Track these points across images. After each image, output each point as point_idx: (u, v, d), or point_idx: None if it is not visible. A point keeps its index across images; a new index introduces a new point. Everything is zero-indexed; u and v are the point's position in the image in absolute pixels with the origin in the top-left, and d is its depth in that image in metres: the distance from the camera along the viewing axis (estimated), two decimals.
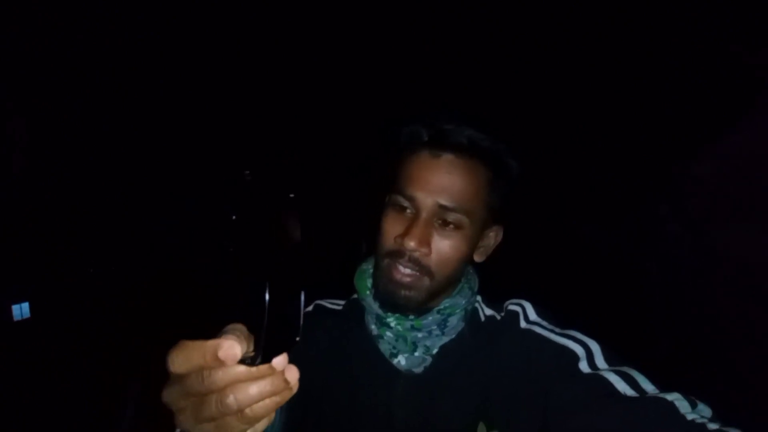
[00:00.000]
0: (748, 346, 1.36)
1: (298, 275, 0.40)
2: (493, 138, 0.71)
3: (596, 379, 0.60)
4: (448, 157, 0.69)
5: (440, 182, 0.68)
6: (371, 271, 0.78)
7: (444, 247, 0.69)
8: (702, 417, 0.52)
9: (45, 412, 2.29)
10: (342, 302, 0.89)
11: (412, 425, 0.71)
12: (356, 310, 0.82)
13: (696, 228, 1.59)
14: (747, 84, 1.41)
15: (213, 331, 0.39)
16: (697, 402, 0.55)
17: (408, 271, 0.69)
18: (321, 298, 0.90)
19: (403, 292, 0.69)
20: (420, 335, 0.73)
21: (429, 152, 0.70)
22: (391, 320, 0.74)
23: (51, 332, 2.60)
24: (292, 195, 0.41)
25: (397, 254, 0.69)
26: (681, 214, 1.64)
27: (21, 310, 2.55)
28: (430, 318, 0.73)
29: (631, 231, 1.91)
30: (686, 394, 0.55)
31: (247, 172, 0.39)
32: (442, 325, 0.74)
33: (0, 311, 2.43)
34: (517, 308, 0.77)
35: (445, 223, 0.69)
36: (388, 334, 0.74)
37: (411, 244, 0.67)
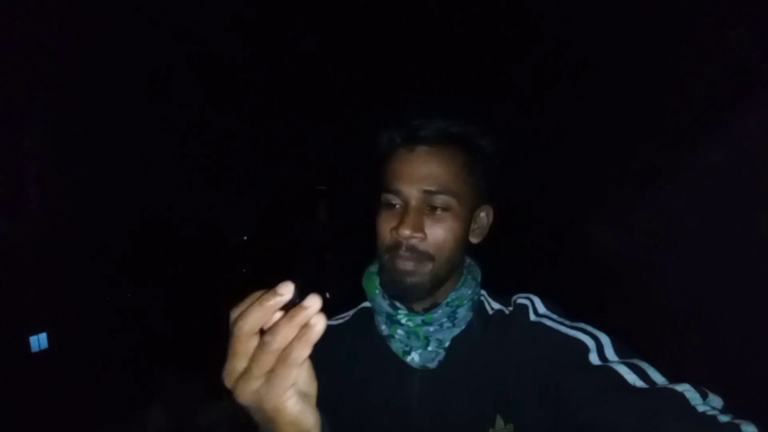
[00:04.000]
0: (763, 343, 1.33)
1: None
2: (462, 123, 0.77)
3: (606, 371, 0.60)
4: (422, 148, 0.75)
5: (419, 171, 0.73)
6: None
7: (438, 230, 0.72)
8: (713, 408, 0.52)
9: None
10: (346, 314, 0.91)
11: (432, 421, 0.72)
12: (365, 315, 0.85)
13: (712, 220, 1.57)
14: (759, 76, 1.40)
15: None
16: (708, 393, 0.55)
17: (408, 257, 0.72)
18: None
19: (408, 279, 0.72)
20: (432, 329, 0.75)
21: (404, 148, 0.76)
22: (402, 317, 0.75)
23: (69, 362, 2.62)
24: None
25: (396, 247, 0.73)
26: (696, 206, 1.62)
27: (39, 342, 2.57)
28: (440, 311, 0.75)
29: (645, 226, 1.89)
30: (697, 386, 0.55)
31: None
32: (452, 317, 0.75)
33: (18, 342, 2.46)
34: (526, 302, 0.78)
35: (433, 208, 0.73)
36: (400, 331, 0.76)
37: (405, 232, 0.71)
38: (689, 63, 1.70)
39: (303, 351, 0.40)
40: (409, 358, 0.75)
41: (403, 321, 0.75)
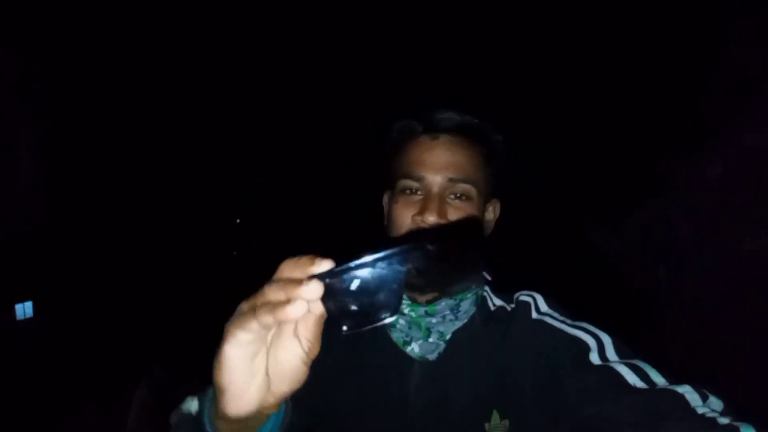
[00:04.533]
0: (760, 345, 1.35)
1: None
2: (480, 119, 0.79)
3: (606, 371, 0.60)
4: (446, 137, 0.75)
5: (444, 159, 0.73)
6: None
7: (460, 217, 0.72)
8: (713, 410, 0.51)
9: (49, 413, 2.29)
10: None
11: (428, 412, 0.72)
12: None
13: (706, 230, 1.58)
14: (756, 84, 1.40)
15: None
16: (708, 395, 0.54)
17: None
18: None
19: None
20: (434, 320, 0.74)
21: (427, 136, 0.76)
22: (405, 307, 0.75)
23: (56, 332, 2.60)
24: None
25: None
26: (690, 216, 1.63)
27: (24, 310, 2.55)
28: (444, 303, 0.74)
29: (640, 234, 1.90)
30: (697, 387, 0.54)
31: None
32: (455, 309, 0.75)
33: (4, 310, 2.44)
34: (529, 299, 0.77)
35: (455, 197, 0.73)
36: (401, 321, 0.75)
37: (431, 218, 0.70)
38: (693, 73, 1.69)
39: (267, 318, 0.37)
40: (408, 349, 0.75)
41: (406, 311, 0.74)
